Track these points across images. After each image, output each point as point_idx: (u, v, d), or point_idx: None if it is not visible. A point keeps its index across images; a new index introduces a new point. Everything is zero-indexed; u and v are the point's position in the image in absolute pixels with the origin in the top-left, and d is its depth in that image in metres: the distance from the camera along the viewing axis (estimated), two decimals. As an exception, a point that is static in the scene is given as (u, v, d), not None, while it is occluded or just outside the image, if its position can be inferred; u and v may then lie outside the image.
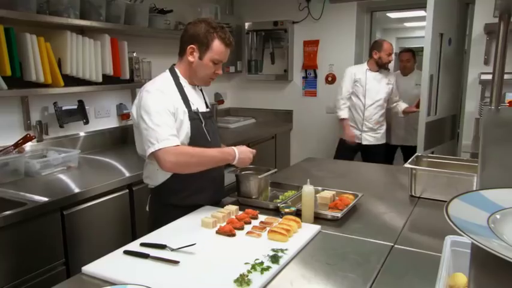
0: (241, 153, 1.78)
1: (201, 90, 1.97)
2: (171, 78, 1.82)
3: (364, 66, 3.78)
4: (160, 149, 1.65)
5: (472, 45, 3.57)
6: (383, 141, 3.84)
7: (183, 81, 1.84)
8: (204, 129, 1.83)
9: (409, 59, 4.11)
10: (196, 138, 1.79)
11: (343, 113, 3.74)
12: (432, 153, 3.63)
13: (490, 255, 0.46)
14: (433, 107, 3.59)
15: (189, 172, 1.74)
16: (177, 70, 1.85)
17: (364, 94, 3.71)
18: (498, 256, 0.45)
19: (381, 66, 3.70)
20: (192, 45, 1.78)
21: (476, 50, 3.52)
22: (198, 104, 1.86)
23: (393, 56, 3.71)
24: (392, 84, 3.80)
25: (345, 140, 3.78)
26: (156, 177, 1.82)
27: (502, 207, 0.61)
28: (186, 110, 1.77)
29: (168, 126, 1.68)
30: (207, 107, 1.95)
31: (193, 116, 1.80)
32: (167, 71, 1.87)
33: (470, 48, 3.63)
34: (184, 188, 1.81)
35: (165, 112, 1.70)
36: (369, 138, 3.77)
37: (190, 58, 1.79)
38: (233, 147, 1.79)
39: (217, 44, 1.76)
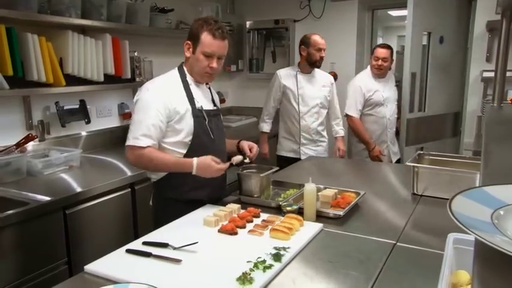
0: (200, 166, 1.73)
1: (209, 88, 2.01)
2: (178, 76, 1.88)
3: (295, 68, 3.27)
4: (128, 145, 1.76)
5: (474, 42, 3.56)
6: (325, 154, 3.32)
7: (190, 79, 1.89)
8: (207, 126, 1.86)
9: (387, 57, 3.35)
10: (199, 135, 1.84)
11: (265, 126, 3.29)
12: (421, 149, 3.68)
13: (494, 251, 0.46)
14: (421, 104, 3.67)
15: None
16: (184, 68, 1.90)
17: (297, 100, 3.17)
18: (502, 251, 0.45)
19: (312, 65, 3.16)
20: (187, 41, 1.84)
21: (478, 48, 3.51)
22: (203, 102, 1.90)
23: (324, 52, 3.15)
24: (330, 87, 3.27)
25: (280, 155, 3.33)
26: None
27: (506, 203, 0.61)
28: (189, 107, 1.82)
29: (144, 125, 1.74)
30: (214, 105, 1.99)
31: (197, 113, 1.84)
32: (176, 68, 1.92)
33: (471, 45, 3.63)
34: (182, 183, 1.83)
35: (151, 110, 1.75)
36: (309, 152, 3.21)
37: (187, 54, 1.86)
38: (196, 158, 1.75)
39: (205, 36, 1.79)
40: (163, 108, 1.76)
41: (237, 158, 1.89)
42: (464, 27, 3.93)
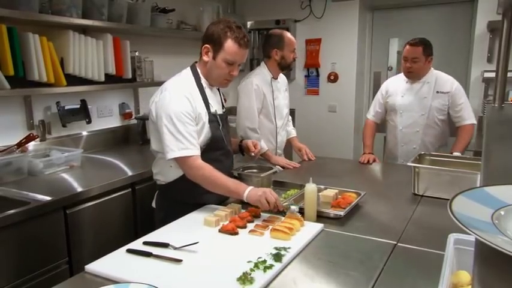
0: (250, 196, 1.69)
1: (218, 89, 1.98)
2: (193, 78, 1.83)
3: (266, 73, 2.64)
4: (180, 156, 1.69)
5: (475, 43, 3.56)
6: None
7: (204, 83, 1.85)
8: (221, 132, 1.86)
9: (417, 57, 2.63)
10: (216, 139, 1.82)
11: (264, 144, 2.59)
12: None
13: (495, 251, 0.46)
14: None
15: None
16: (198, 70, 1.86)
17: (274, 113, 2.66)
18: (502, 252, 0.45)
19: (285, 69, 2.67)
20: (206, 45, 1.78)
21: (479, 48, 3.51)
22: (216, 106, 1.88)
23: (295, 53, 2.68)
24: (288, 90, 2.85)
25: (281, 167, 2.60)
26: (168, 174, 1.85)
27: (506, 203, 0.61)
28: (206, 113, 1.80)
29: (189, 134, 1.71)
30: (223, 107, 1.97)
31: (212, 118, 1.82)
32: (188, 68, 1.87)
33: (473, 46, 3.62)
34: (195, 187, 1.79)
35: (188, 118, 1.71)
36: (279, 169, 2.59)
37: (205, 58, 1.80)
38: (248, 188, 1.70)
39: (230, 44, 1.74)
40: (194, 114, 1.74)
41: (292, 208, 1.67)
42: (463, 31, 3.92)
